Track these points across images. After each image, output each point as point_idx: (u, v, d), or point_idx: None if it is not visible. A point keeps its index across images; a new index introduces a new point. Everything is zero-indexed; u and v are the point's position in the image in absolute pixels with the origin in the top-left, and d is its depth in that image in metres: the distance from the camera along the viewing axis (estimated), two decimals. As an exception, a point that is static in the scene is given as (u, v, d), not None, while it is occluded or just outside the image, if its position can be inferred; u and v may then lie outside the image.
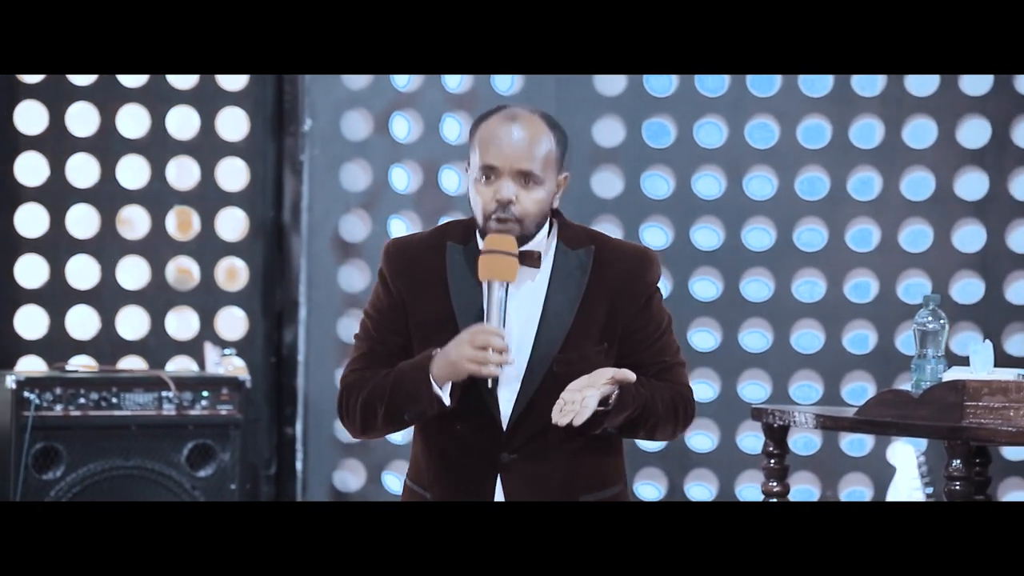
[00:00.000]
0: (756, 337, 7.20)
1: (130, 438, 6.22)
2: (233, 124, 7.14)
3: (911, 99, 7.17)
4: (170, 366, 7.00)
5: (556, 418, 3.73)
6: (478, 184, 3.80)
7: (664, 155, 7.21)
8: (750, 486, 7.09)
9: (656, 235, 7.20)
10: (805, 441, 7.16)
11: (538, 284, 3.85)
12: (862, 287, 7.21)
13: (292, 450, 7.06)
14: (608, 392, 3.78)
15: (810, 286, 7.21)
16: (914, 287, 7.16)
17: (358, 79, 7.08)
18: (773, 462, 4.82)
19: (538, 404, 3.80)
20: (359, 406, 3.85)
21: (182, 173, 7.12)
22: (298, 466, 7.05)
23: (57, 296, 6.97)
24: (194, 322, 7.10)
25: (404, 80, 7.12)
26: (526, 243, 3.85)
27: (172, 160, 7.09)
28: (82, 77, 6.98)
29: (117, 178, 7.03)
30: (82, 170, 7.02)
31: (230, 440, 6.33)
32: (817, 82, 7.20)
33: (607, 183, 7.20)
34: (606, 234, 3.96)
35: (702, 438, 7.19)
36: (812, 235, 7.21)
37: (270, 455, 7.05)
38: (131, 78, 7.02)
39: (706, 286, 7.20)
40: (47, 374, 6.35)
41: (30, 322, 6.95)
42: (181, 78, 7.07)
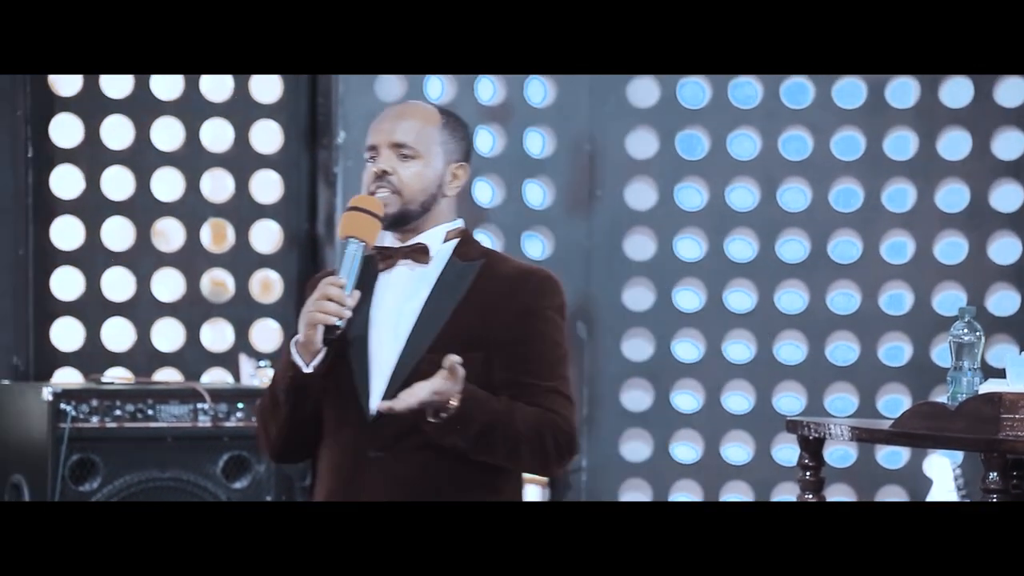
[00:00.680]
0: (791, 349, 7.19)
1: (166, 450, 6.23)
2: (267, 136, 7.16)
3: (945, 111, 7.15)
4: (205, 378, 7.02)
5: (378, 405, 3.67)
6: (366, 169, 3.84)
7: (697, 167, 7.20)
8: (785, 498, 7.07)
9: (690, 247, 7.20)
10: (841, 453, 7.14)
11: (424, 283, 3.82)
12: (897, 299, 7.19)
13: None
14: (446, 391, 3.64)
15: (845, 298, 7.20)
16: (949, 299, 7.13)
17: (391, 91, 7.09)
18: (809, 474, 4.80)
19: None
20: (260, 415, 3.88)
21: (216, 185, 7.14)
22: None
23: (93, 308, 7.00)
24: (229, 334, 7.12)
25: (436, 92, 7.12)
26: (409, 223, 3.82)
27: (206, 172, 7.11)
28: (117, 90, 7.01)
29: (152, 190, 7.06)
30: (117, 183, 7.04)
31: (265, 452, 6.33)
32: (851, 93, 7.18)
33: (640, 195, 7.20)
34: (507, 255, 3.93)
35: (737, 450, 7.18)
36: (846, 247, 7.20)
37: (305, 466, 7.06)
38: (165, 91, 7.04)
39: (740, 298, 7.19)
40: (83, 386, 6.37)
41: (66, 334, 6.98)
42: (215, 91, 7.09)
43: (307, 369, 3.74)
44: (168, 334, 7.07)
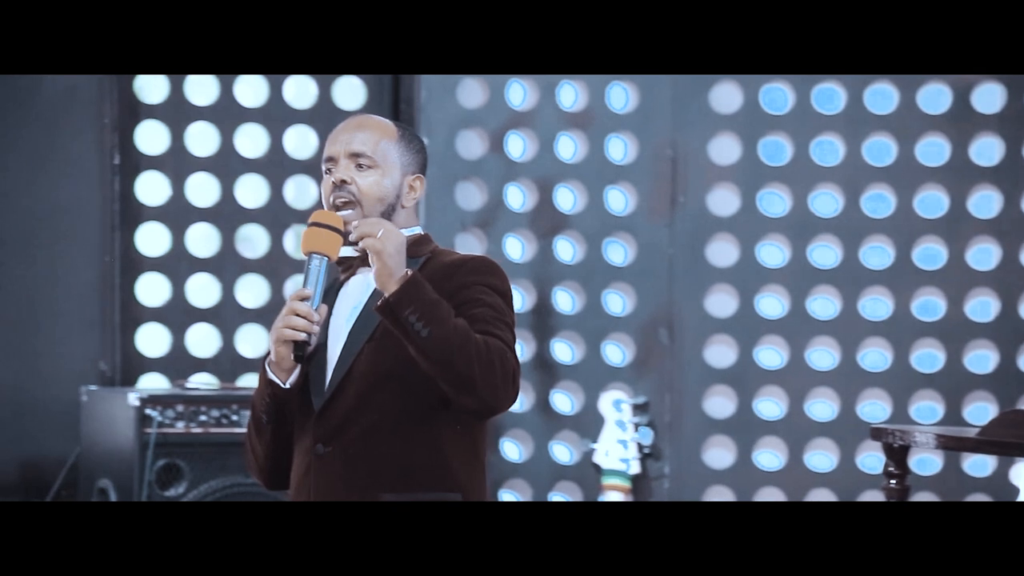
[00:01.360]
0: (875, 356, 7.14)
1: (250, 455, 6.26)
2: (350, 144, 7.18)
3: (1039, 117, 7.10)
4: (288, 384, 7.05)
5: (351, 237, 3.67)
6: (324, 181, 3.84)
7: (780, 173, 7.17)
8: (868, 506, 7.04)
9: (773, 253, 7.17)
10: (926, 461, 7.08)
11: (370, 282, 3.79)
12: (983, 306, 7.13)
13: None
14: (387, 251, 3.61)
15: (929, 305, 7.14)
16: (1037, 307, 7.07)
17: (473, 97, 7.11)
18: (894, 482, 4.77)
19: (346, 389, 3.75)
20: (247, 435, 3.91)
21: (299, 192, 7.18)
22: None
23: (178, 314, 7.05)
24: (312, 340, 7.15)
25: (519, 99, 7.13)
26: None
27: (289, 179, 7.16)
28: (202, 97, 7.07)
29: (236, 197, 7.11)
30: (202, 189, 7.10)
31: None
32: (936, 100, 7.13)
33: (723, 201, 7.17)
34: (454, 251, 3.89)
35: (821, 458, 7.14)
36: (931, 253, 7.15)
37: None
38: (250, 97, 7.09)
39: (824, 305, 7.15)
40: (169, 392, 6.42)
41: (152, 340, 7.04)
42: (299, 97, 7.14)
43: (285, 385, 3.79)
44: (252, 340, 7.11)
